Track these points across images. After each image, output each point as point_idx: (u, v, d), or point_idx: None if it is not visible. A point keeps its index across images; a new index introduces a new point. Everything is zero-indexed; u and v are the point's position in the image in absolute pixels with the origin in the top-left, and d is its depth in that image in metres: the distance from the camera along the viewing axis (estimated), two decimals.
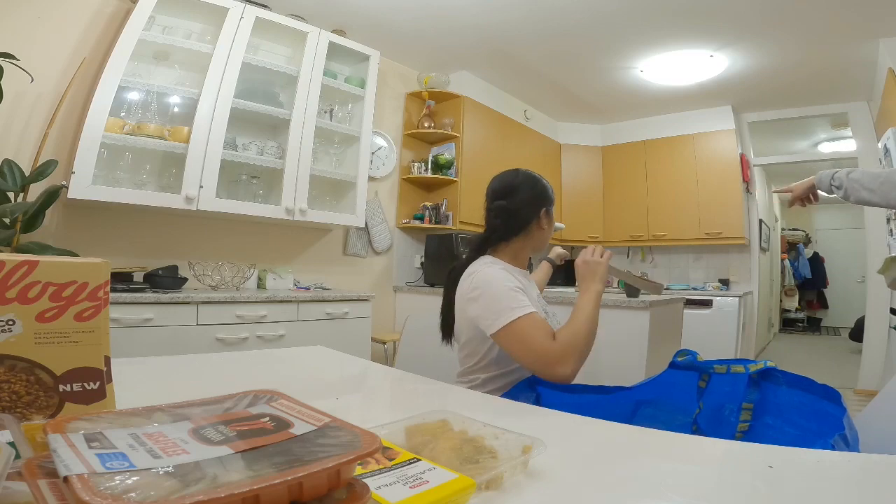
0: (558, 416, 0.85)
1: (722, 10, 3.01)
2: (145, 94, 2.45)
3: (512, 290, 1.12)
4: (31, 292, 0.43)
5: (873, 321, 4.00)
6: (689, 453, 0.71)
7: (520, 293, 1.13)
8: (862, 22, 3.06)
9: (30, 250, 1.97)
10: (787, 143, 5.62)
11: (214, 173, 2.50)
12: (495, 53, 3.70)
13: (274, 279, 2.98)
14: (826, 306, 8.58)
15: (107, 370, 0.48)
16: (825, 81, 3.94)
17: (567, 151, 5.20)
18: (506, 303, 1.10)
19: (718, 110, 4.59)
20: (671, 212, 4.73)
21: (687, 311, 3.86)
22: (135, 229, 2.57)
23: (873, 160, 3.90)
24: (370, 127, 3.21)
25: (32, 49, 2.20)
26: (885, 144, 3.27)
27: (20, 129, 2.24)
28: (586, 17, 3.15)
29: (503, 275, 1.17)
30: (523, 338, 1.06)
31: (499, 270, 1.19)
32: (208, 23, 2.64)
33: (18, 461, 0.36)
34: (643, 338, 2.39)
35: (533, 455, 0.55)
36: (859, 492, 0.56)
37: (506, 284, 1.14)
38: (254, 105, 2.68)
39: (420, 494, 0.43)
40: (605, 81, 4.19)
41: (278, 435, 0.36)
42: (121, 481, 0.27)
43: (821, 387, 0.92)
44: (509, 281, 1.15)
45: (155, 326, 2.10)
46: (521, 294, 1.13)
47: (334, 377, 1.18)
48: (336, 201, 3.22)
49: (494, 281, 1.15)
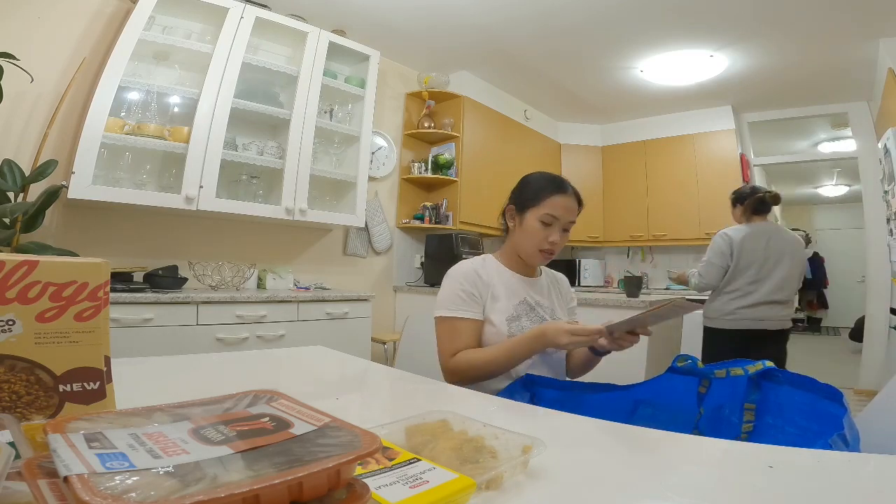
0: (558, 416, 0.85)
1: (722, 10, 3.01)
2: (145, 94, 2.45)
3: (456, 292, 1.24)
4: (31, 292, 0.43)
5: (873, 321, 4.00)
6: (689, 453, 0.71)
7: (462, 298, 1.23)
8: (862, 22, 3.06)
9: (30, 250, 1.97)
10: (787, 143, 5.62)
11: (214, 173, 2.50)
12: (495, 53, 3.70)
13: (274, 279, 2.98)
14: (826, 306, 8.58)
15: (107, 370, 0.47)
16: (825, 81, 3.94)
17: (567, 151, 5.20)
18: (444, 300, 1.25)
19: (718, 110, 4.59)
20: (671, 212, 4.73)
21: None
22: (135, 229, 2.57)
23: (873, 160, 3.90)
24: (370, 127, 3.21)
25: (32, 49, 2.20)
26: (885, 144, 3.27)
27: (20, 129, 2.24)
28: (586, 16, 3.15)
29: (462, 274, 1.26)
30: (438, 336, 1.25)
31: (465, 268, 1.28)
32: (208, 23, 2.64)
33: (18, 461, 0.36)
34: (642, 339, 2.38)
35: (533, 455, 0.55)
36: (859, 492, 0.56)
37: (455, 284, 1.25)
38: (254, 105, 2.68)
39: (420, 494, 0.43)
40: (605, 81, 4.19)
41: (278, 435, 0.36)
42: (121, 481, 0.27)
43: (824, 386, 0.91)
44: (463, 283, 1.25)
45: (155, 326, 2.10)
46: (463, 299, 1.23)
47: (334, 377, 1.18)
48: (336, 201, 3.22)
49: (450, 278, 1.28)
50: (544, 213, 1.25)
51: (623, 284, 3.13)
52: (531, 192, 1.29)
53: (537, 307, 1.30)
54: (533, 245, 1.27)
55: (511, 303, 1.27)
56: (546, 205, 1.26)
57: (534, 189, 1.30)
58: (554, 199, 1.26)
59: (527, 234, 1.28)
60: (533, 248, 1.27)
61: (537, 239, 1.26)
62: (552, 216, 1.25)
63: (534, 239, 1.26)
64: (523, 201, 1.30)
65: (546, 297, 1.35)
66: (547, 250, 1.27)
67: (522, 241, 1.29)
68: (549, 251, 1.27)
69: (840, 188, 7.70)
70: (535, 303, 1.30)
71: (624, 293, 3.09)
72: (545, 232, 1.26)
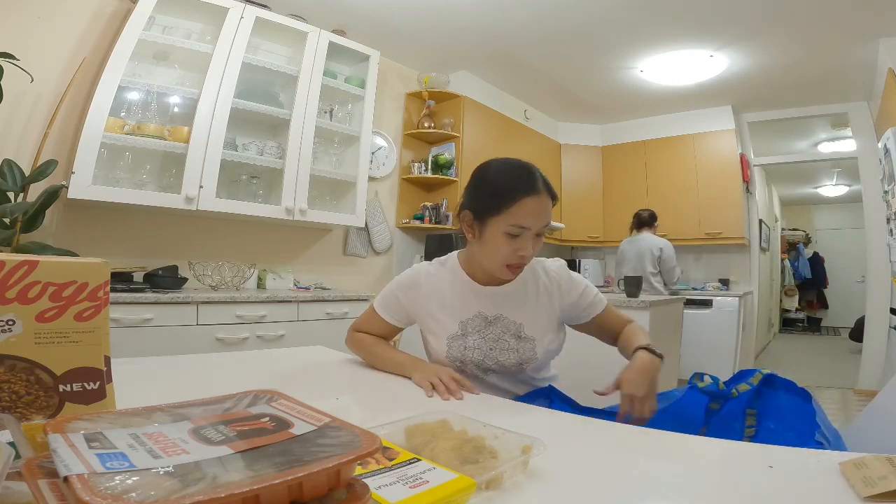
0: (558, 416, 0.85)
1: (722, 10, 3.01)
2: (145, 94, 2.45)
3: (389, 291, 1.21)
4: (31, 292, 0.43)
5: (873, 321, 4.00)
6: (689, 453, 0.71)
7: (391, 301, 1.20)
8: (862, 22, 3.06)
9: (30, 250, 1.97)
10: (787, 143, 5.62)
11: (214, 173, 2.50)
12: (495, 53, 3.70)
13: (274, 279, 2.98)
14: (826, 306, 8.58)
15: (107, 370, 0.48)
16: (825, 81, 3.94)
17: (567, 151, 5.20)
18: (383, 292, 1.23)
19: (718, 110, 4.59)
20: (671, 212, 4.72)
21: (687, 311, 3.87)
22: (135, 229, 2.56)
23: (873, 160, 3.90)
24: (370, 127, 3.21)
25: (32, 49, 2.20)
26: (885, 144, 3.27)
27: (20, 129, 2.24)
28: (586, 17, 3.15)
29: (405, 284, 1.20)
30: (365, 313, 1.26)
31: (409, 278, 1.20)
32: (208, 23, 2.64)
33: (18, 461, 0.36)
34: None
35: (533, 455, 0.55)
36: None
37: (395, 287, 1.21)
38: (254, 105, 2.68)
39: (420, 494, 0.43)
40: (605, 81, 4.19)
41: (278, 435, 0.36)
42: (121, 481, 0.27)
43: (799, 389, 0.93)
44: (399, 292, 1.19)
45: (155, 326, 2.10)
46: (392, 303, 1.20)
47: (334, 377, 1.17)
48: (336, 201, 3.22)
49: (398, 278, 1.22)
50: (511, 224, 0.99)
51: (623, 284, 3.14)
52: (491, 196, 1.02)
53: (496, 321, 1.11)
54: (499, 260, 1.03)
55: (458, 318, 1.12)
56: (512, 213, 0.99)
57: (494, 191, 1.02)
58: (522, 203, 0.99)
59: (489, 248, 1.03)
60: (499, 264, 1.03)
61: (503, 254, 1.02)
62: (521, 227, 0.99)
63: (499, 253, 1.02)
64: (482, 208, 1.03)
65: (516, 308, 1.12)
66: (517, 263, 1.03)
67: (484, 256, 1.05)
68: (520, 264, 1.04)
69: (840, 188, 7.70)
70: (493, 317, 1.11)
71: (624, 293, 3.09)
72: (513, 245, 1.01)
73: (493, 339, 1.11)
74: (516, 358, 1.12)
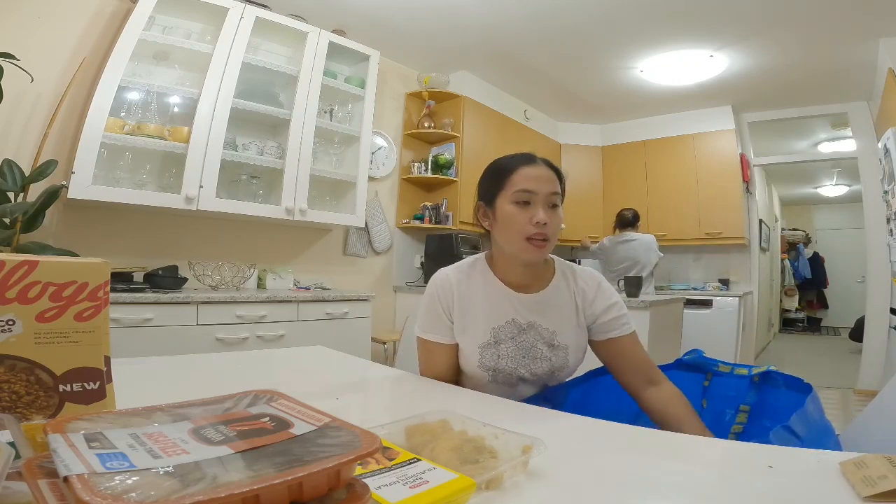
0: (558, 415, 0.85)
1: (722, 10, 3.01)
2: (145, 94, 2.45)
3: (427, 310, 1.12)
4: (31, 292, 0.43)
5: (873, 321, 4.00)
6: (689, 453, 0.71)
7: (429, 316, 1.11)
8: (862, 22, 3.06)
9: (30, 250, 1.97)
10: (787, 143, 5.62)
11: (214, 173, 2.50)
12: (495, 53, 3.69)
13: (274, 279, 2.98)
14: (826, 306, 8.58)
15: (107, 370, 0.47)
16: (825, 81, 3.94)
17: (567, 151, 5.20)
18: (421, 315, 1.14)
19: (718, 110, 4.59)
20: (671, 212, 4.73)
21: (687, 311, 3.86)
22: (135, 229, 2.56)
23: (873, 160, 3.90)
24: (370, 127, 3.21)
25: (32, 49, 2.20)
26: (885, 144, 3.27)
27: (20, 129, 2.23)
28: (586, 16, 3.15)
29: (437, 287, 1.12)
30: (419, 353, 1.16)
31: (441, 279, 1.12)
32: (208, 23, 2.64)
33: (18, 461, 0.36)
34: (643, 337, 2.38)
35: (533, 455, 0.55)
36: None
37: (428, 299, 1.13)
38: (254, 105, 2.68)
39: (420, 494, 0.43)
40: (605, 81, 4.19)
41: (278, 435, 0.36)
42: (121, 481, 0.27)
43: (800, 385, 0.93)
44: (434, 298, 1.11)
45: (155, 326, 2.10)
46: (431, 318, 1.11)
47: (334, 377, 1.17)
48: (336, 201, 3.22)
49: (427, 289, 1.14)
50: (515, 190, 1.02)
51: (623, 284, 3.14)
52: (493, 177, 1.08)
53: (530, 329, 1.07)
54: (516, 234, 1.02)
55: (490, 325, 1.07)
56: (514, 181, 1.03)
57: (495, 171, 1.08)
58: (521, 171, 1.03)
59: (505, 224, 1.04)
60: (518, 239, 1.02)
61: (518, 225, 1.01)
62: (526, 191, 1.02)
63: (514, 226, 1.02)
64: (488, 192, 1.08)
65: (549, 315, 1.08)
66: (536, 236, 1.00)
67: (503, 235, 1.05)
68: (541, 236, 1.00)
69: (840, 188, 7.70)
70: (526, 324, 1.07)
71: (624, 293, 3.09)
72: (525, 213, 1.01)
73: (526, 348, 1.07)
74: (549, 366, 1.07)
